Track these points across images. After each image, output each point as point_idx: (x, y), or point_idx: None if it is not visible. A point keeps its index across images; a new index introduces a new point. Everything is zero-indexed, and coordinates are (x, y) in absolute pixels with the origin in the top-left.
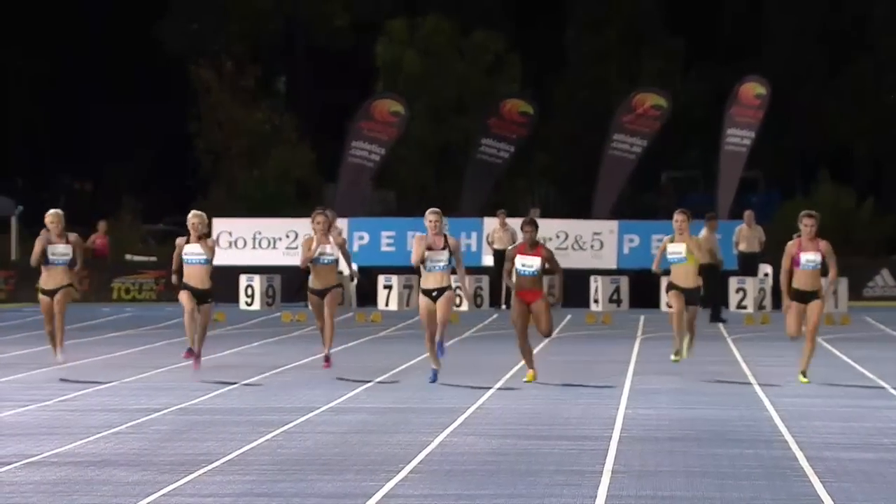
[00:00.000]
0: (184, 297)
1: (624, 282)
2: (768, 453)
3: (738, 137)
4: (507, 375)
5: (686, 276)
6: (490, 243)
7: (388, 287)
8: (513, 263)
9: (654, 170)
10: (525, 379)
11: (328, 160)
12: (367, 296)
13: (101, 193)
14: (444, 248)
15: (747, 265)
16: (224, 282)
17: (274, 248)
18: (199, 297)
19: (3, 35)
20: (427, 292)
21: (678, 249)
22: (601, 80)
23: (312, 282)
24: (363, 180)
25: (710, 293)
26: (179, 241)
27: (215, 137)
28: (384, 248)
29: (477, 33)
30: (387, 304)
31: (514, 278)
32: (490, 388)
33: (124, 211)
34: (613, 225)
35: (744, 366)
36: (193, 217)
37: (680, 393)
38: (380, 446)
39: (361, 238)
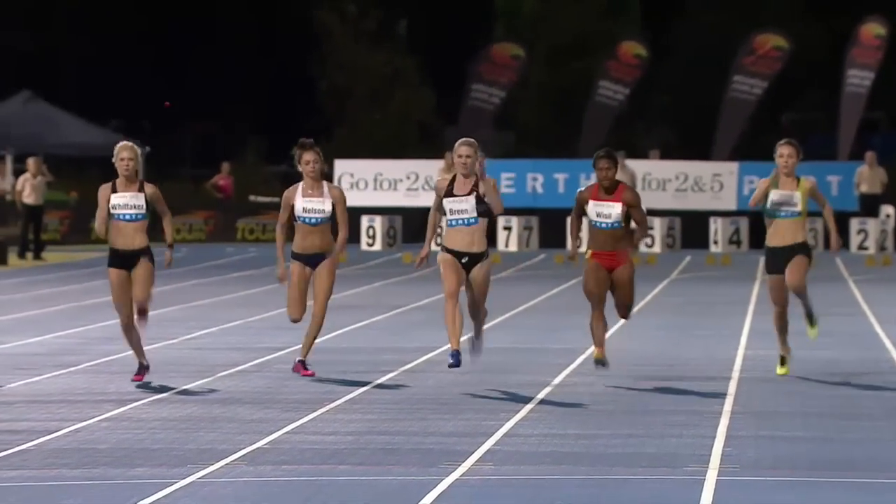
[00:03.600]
0: (115, 293)
1: (744, 223)
2: (889, 394)
3: (859, 78)
4: None
5: (794, 231)
6: None
7: (508, 228)
8: (583, 210)
9: (775, 111)
10: (594, 356)
11: (449, 103)
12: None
13: (226, 135)
14: (470, 194)
15: (869, 206)
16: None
17: (395, 189)
18: (133, 260)
19: None
20: (454, 254)
21: (790, 199)
22: (721, 23)
23: (296, 243)
24: (483, 123)
25: None
26: (103, 189)
27: (338, 80)
28: (504, 190)
29: None
30: (506, 246)
31: (572, 241)
32: (609, 328)
33: (248, 152)
34: (733, 166)
35: (865, 306)
36: (123, 150)
37: (799, 334)
38: (499, 386)
39: None
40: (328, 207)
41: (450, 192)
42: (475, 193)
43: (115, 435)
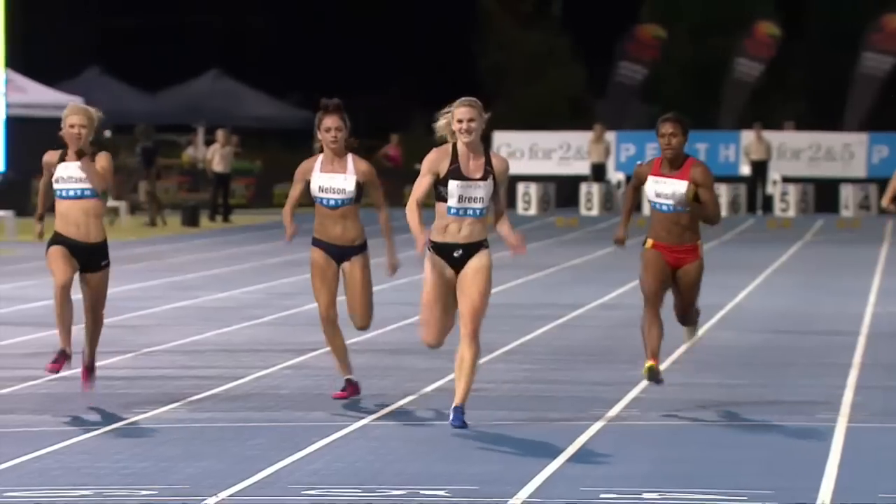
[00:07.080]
0: (54, 258)
1: (873, 189)
2: None
3: None
4: (764, 274)
5: None
6: (747, 154)
7: None
8: (641, 184)
9: None
10: (643, 371)
11: (597, 78)
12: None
13: (395, 109)
14: (484, 178)
15: None
16: None
17: (549, 158)
18: (85, 257)
19: None
20: (443, 249)
21: None
22: (850, 3)
23: (318, 229)
24: (629, 97)
25: None
26: (48, 157)
27: (497, 58)
28: (649, 159)
29: None
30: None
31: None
32: (747, 286)
33: (414, 124)
34: (863, 137)
35: None
36: (73, 114)
37: None
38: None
39: (628, 149)
40: (351, 187)
41: (456, 173)
42: (492, 177)
43: (296, 381)
